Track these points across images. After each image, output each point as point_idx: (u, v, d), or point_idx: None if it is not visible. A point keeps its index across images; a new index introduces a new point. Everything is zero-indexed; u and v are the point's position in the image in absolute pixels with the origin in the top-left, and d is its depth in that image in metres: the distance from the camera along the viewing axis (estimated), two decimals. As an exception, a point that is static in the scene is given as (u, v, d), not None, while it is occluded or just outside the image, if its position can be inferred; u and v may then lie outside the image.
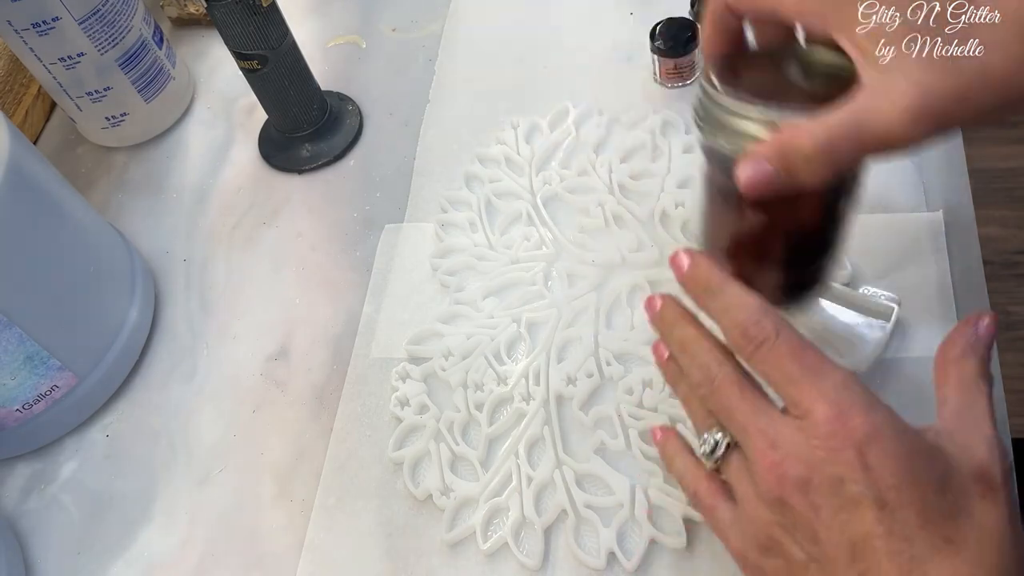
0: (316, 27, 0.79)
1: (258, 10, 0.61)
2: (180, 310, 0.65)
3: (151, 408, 0.61)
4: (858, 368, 0.51)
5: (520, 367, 0.55)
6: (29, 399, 0.56)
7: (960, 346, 0.37)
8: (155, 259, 0.68)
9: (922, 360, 0.51)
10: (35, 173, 0.55)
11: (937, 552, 0.31)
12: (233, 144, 0.74)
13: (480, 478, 0.52)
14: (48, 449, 0.60)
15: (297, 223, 0.68)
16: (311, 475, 0.55)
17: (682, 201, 0.60)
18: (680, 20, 0.65)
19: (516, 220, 0.62)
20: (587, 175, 0.63)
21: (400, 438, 0.55)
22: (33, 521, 0.57)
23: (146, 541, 0.55)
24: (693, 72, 0.67)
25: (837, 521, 0.32)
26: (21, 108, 0.76)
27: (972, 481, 0.32)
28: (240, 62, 0.65)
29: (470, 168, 0.66)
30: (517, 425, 0.53)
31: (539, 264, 0.59)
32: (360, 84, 0.75)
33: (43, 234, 0.55)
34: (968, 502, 0.32)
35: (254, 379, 0.60)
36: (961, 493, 0.32)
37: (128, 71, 0.70)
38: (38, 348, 0.54)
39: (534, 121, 0.67)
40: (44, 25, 0.64)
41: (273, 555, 0.53)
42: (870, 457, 0.32)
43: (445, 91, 0.72)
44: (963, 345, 0.37)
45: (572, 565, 0.49)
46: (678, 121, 0.64)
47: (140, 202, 0.72)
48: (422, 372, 0.57)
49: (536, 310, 0.57)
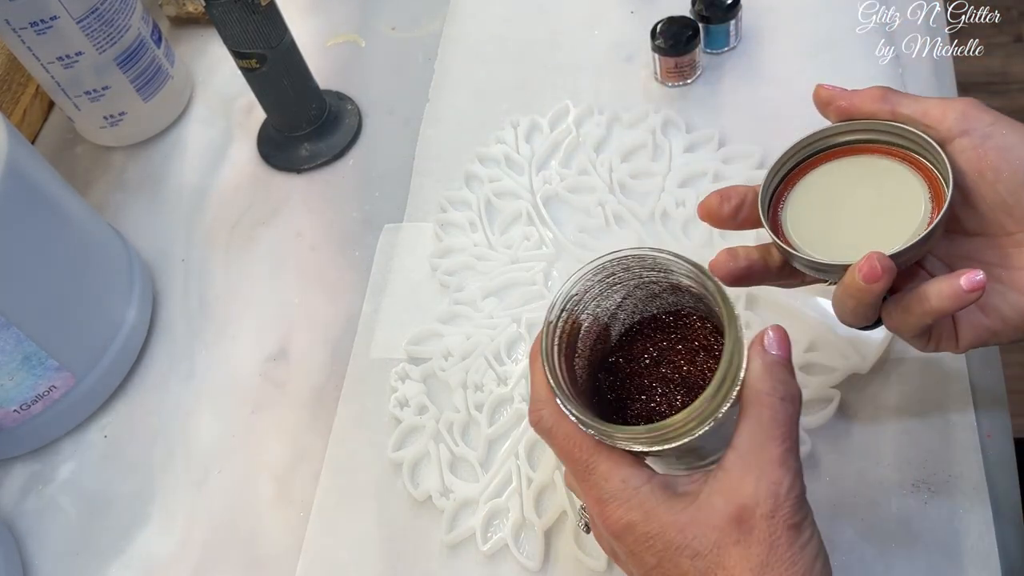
0: (315, 26, 0.79)
1: (257, 9, 0.61)
2: (178, 310, 0.65)
3: (149, 409, 0.61)
4: (860, 369, 0.50)
5: (520, 367, 0.55)
6: (27, 400, 0.56)
7: (753, 370, 0.37)
8: (153, 259, 0.67)
9: (924, 361, 0.51)
10: (33, 173, 0.55)
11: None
12: (232, 143, 0.74)
13: (480, 479, 0.52)
14: (46, 450, 0.60)
15: (296, 223, 0.67)
16: (310, 476, 0.55)
17: (683, 200, 0.60)
18: (681, 19, 0.65)
19: (516, 220, 0.62)
20: (587, 174, 0.63)
21: (399, 439, 0.54)
22: (31, 522, 0.57)
23: (144, 542, 0.55)
24: (694, 71, 0.66)
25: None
26: (19, 107, 0.76)
27: (728, 530, 0.35)
28: (239, 61, 0.64)
29: (470, 168, 0.65)
30: (517, 426, 0.53)
31: (539, 264, 0.59)
32: (359, 83, 0.74)
33: (41, 234, 0.55)
34: (722, 555, 0.35)
35: (253, 380, 0.60)
36: (716, 548, 0.35)
37: (126, 70, 0.70)
38: (36, 348, 0.54)
39: (534, 120, 0.67)
40: (42, 24, 0.64)
41: (272, 556, 0.53)
42: (628, 543, 0.37)
43: (445, 90, 0.72)
44: (757, 368, 0.37)
45: (572, 566, 0.49)
46: (679, 120, 0.64)
47: (138, 202, 0.72)
48: (422, 372, 0.56)
49: (536, 310, 0.57)
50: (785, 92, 0.64)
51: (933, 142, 0.39)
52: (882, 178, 0.41)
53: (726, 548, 0.35)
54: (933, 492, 0.47)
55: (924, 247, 0.38)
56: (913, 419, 0.49)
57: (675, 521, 0.36)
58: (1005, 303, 0.39)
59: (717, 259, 0.43)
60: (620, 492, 0.37)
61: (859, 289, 0.38)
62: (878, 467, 0.48)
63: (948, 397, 0.49)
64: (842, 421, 0.50)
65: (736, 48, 0.68)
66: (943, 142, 0.39)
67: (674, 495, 0.37)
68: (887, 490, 0.47)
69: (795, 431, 0.36)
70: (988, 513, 0.46)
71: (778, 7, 0.69)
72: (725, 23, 0.66)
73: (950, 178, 0.38)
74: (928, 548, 0.46)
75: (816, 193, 0.42)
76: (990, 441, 0.48)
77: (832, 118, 0.42)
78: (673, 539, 0.36)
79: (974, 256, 0.41)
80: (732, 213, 0.43)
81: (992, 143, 0.38)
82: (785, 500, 0.35)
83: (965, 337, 0.40)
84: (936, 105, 0.39)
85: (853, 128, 0.41)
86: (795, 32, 0.68)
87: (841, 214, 0.41)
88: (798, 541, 0.35)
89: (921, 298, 0.38)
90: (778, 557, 0.34)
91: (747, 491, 0.35)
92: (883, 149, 0.41)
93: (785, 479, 0.35)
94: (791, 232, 0.41)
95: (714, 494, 0.36)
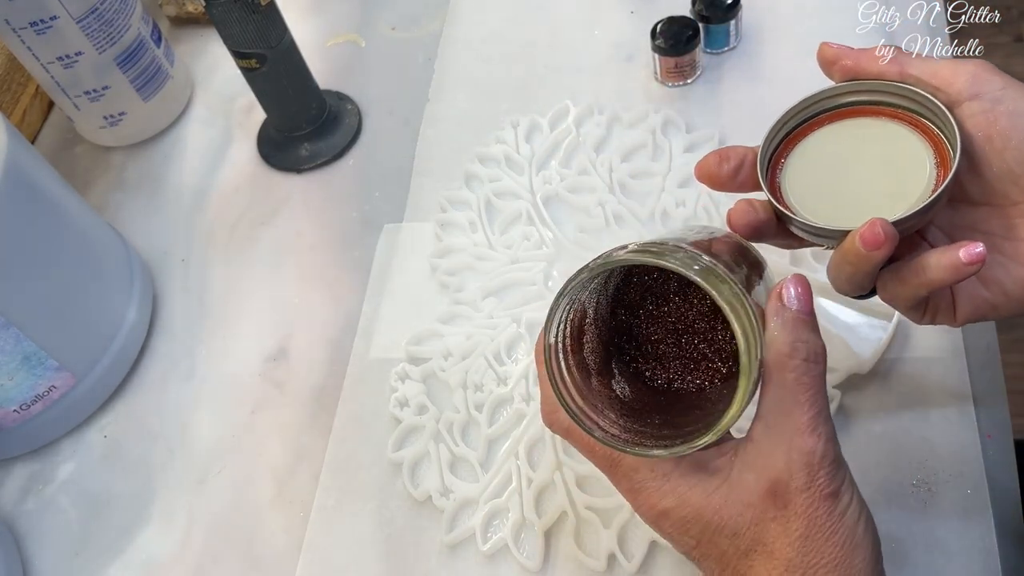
0: (315, 26, 0.79)
1: (257, 8, 0.60)
2: (178, 310, 0.65)
3: (149, 409, 0.61)
4: (861, 368, 0.50)
5: (520, 367, 0.55)
6: (27, 400, 0.56)
7: (773, 328, 0.35)
8: (153, 259, 0.67)
9: (924, 360, 0.51)
10: (33, 172, 0.55)
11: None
12: (232, 143, 0.73)
13: (480, 479, 0.52)
14: (46, 450, 0.60)
15: (296, 223, 0.67)
16: (310, 476, 0.55)
17: (683, 200, 0.60)
18: (681, 19, 0.65)
19: (516, 220, 0.62)
20: (587, 174, 0.63)
21: (399, 439, 0.54)
22: (31, 522, 0.57)
23: (144, 542, 0.55)
24: (694, 71, 0.66)
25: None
26: (19, 107, 0.76)
27: (764, 506, 0.34)
28: (239, 61, 0.64)
29: (470, 167, 0.65)
30: (517, 426, 0.53)
31: (539, 264, 0.59)
32: (359, 83, 0.74)
33: (41, 233, 0.55)
34: (761, 532, 0.34)
35: (252, 379, 0.60)
36: (753, 526, 0.34)
37: (126, 70, 0.70)
38: (36, 348, 0.54)
39: (534, 120, 0.67)
40: (42, 24, 0.64)
41: (272, 556, 0.53)
42: (666, 528, 0.37)
43: (445, 90, 0.72)
44: (776, 326, 0.35)
45: (572, 566, 0.49)
46: (679, 120, 0.64)
47: (138, 201, 0.72)
48: (421, 373, 0.56)
49: (536, 310, 0.57)
50: (785, 92, 0.63)
51: (942, 106, 0.37)
52: (886, 141, 0.39)
53: (764, 524, 0.34)
54: (933, 492, 0.47)
55: (928, 215, 0.37)
56: (913, 419, 0.49)
57: (709, 503, 0.35)
58: (1008, 276, 0.38)
59: (736, 209, 0.40)
60: (650, 481, 0.36)
61: (858, 256, 0.36)
62: (878, 467, 0.48)
63: (948, 397, 0.49)
64: (842, 421, 0.50)
65: (736, 48, 0.68)
66: (952, 105, 0.37)
67: (705, 474, 0.36)
68: (887, 490, 0.47)
69: (822, 393, 0.35)
70: (988, 513, 0.46)
71: (778, 7, 0.69)
72: (725, 23, 0.66)
73: (958, 143, 0.36)
74: (928, 548, 0.46)
75: (817, 155, 0.40)
76: (990, 441, 0.48)
77: (836, 78, 0.40)
78: (710, 521, 0.35)
79: (977, 226, 0.39)
80: (731, 174, 0.41)
81: (1003, 108, 0.36)
82: (819, 469, 0.34)
83: (963, 310, 0.39)
84: (946, 66, 0.38)
85: (858, 88, 0.40)
86: (795, 32, 0.68)
87: (842, 178, 0.39)
88: (836, 509, 0.34)
89: (918, 269, 0.36)
90: (818, 528, 0.33)
91: (779, 464, 0.34)
92: (888, 112, 0.40)
93: (817, 447, 0.34)
94: (789, 194, 0.40)
95: (745, 470, 0.35)
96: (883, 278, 0.38)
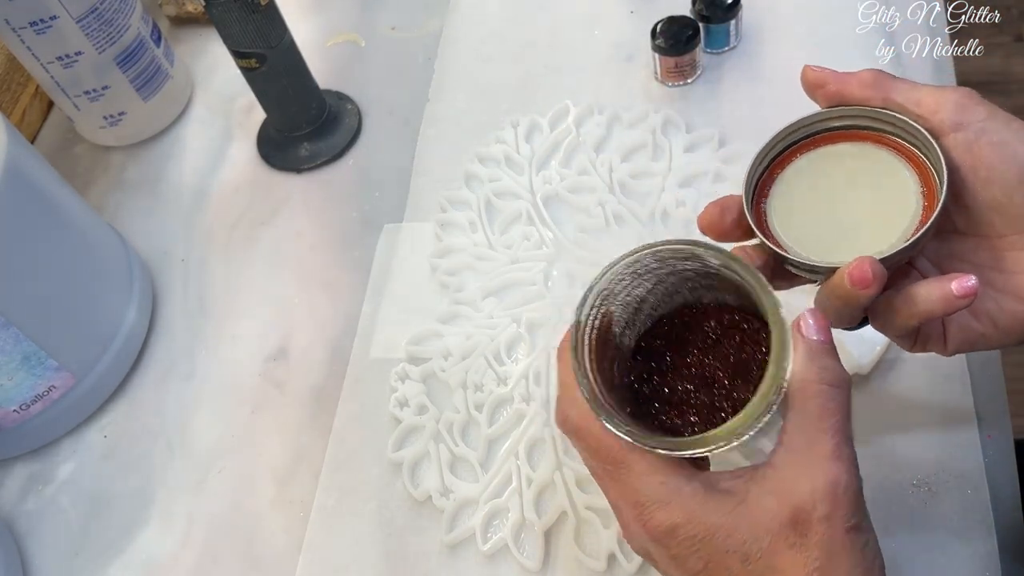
0: (315, 26, 0.79)
1: (257, 8, 0.60)
2: (178, 310, 0.65)
3: (149, 409, 0.60)
4: (860, 369, 0.50)
5: (520, 367, 0.55)
6: (27, 399, 0.56)
7: (798, 358, 0.35)
8: (153, 259, 0.67)
9: (924, 361, 0.51)
10: (32, 172, 0.55)
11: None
12: (231, 143, 0.73)
13: (480, 479, 0.52)
14: (46, 450, 0.60)
15: (296, 223, 0.67)
16: (310, 476, 0.55)
17: (683, 200, 0.60)
18: (681, 18, 0.65)
19: (516, 220, 0.62)
20: (587, 174, 0.63)
21: (399, 439, 0.54)
22: (31, 522, 0.57)
23: (144, 542, 0.55)
24: (694, 71, 0.66)
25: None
26: (19, 107, 0.76)
27: (783, 533, 0.33)
28: (239, 61, 0.64)
29: (470, 167, 0.65)
30: (517, 426, 0.53)
31: (539, 264, 0.59)
32: (359, 83, 0.74)
33: (40, 233, 0.55)
34: (775, 559, 0.33)
35: (252, 380, 0.60)
36: (768, 553, 0.33)
37: (126, 70, 0.70)
38: (35, 348, 0.54)
39: (534, 120, 0.67)
40: (42, 24, 0.64)
41: (272, 556, 0.53)
42: (671, 547, 0.34)
43: (445, 90, 0.72)
44: (800, 356, 0.35)
45: (572, 567, 0.49)
46: (679, 120, 0.64)
47: (138, 201, 0.72)
48: (421, 373, 0.56)
49: (536, 310, 0.57)
50: (785, 92, 0.64)
51: (929, 136, 0.37)
52: (871, 168, 0.39)
53: (780, 552, 0.33)
54: (933, 492, 0.47)
55: (915, 249, 0.37)
56: (913, 419, 0.49)
57: (723, 524, 0.33)
58: (997, 308, 0.38)
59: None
60: (660, 494, 0.35)
61: (847, 292, 0.36)
62: (878, 467, 0.48)
63: (948, 397, 0.49)
64: (842, 421, 0.50)
65: (736, 48, 0.68)
66: (936, 134, 0.37)
67: (718, 494, 0.34)
68: (887, 490, 0.47)
69: (847, 420, 0.34)
70: (988, 513, 0.46)
71: (778, 7, 0.69)
72: (725, 23, 0.66)
73: (944, 175, 0.36)
74: (928, 548, 0.46)
75: (803, 183, 0.40)
76: (990, 441, 0.48)
77: (821, 103, 0.40)
78: (722, 543, 0.33)
79: (966, 257, 0.39)
80: (733, 224, 0.40)
81: (987, 139, 0.36)
82: (843, 499, 0.33)
83: (953, 340, 0.39)
84: (930, 94, 0.38)
85: (843, 114, 0.40)
86: (795, 32, 0.68)
87: (828, 206, 0.39)
88: (858, 543, 0.33)
89: (909, 300, 0.36)
90: (837, 561, 0.32)
91: (802, 492, 0.33)
92: (874, 136, 0.39)
93: (842, 477, 0.33)
94: (776, 225, 0.40)
95: (765, 495, 0.33)
96: (873, 308, 0.38)
